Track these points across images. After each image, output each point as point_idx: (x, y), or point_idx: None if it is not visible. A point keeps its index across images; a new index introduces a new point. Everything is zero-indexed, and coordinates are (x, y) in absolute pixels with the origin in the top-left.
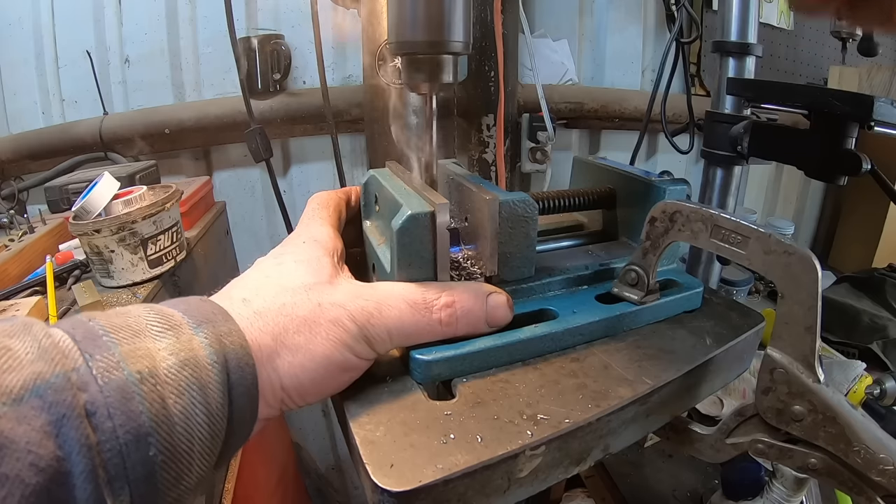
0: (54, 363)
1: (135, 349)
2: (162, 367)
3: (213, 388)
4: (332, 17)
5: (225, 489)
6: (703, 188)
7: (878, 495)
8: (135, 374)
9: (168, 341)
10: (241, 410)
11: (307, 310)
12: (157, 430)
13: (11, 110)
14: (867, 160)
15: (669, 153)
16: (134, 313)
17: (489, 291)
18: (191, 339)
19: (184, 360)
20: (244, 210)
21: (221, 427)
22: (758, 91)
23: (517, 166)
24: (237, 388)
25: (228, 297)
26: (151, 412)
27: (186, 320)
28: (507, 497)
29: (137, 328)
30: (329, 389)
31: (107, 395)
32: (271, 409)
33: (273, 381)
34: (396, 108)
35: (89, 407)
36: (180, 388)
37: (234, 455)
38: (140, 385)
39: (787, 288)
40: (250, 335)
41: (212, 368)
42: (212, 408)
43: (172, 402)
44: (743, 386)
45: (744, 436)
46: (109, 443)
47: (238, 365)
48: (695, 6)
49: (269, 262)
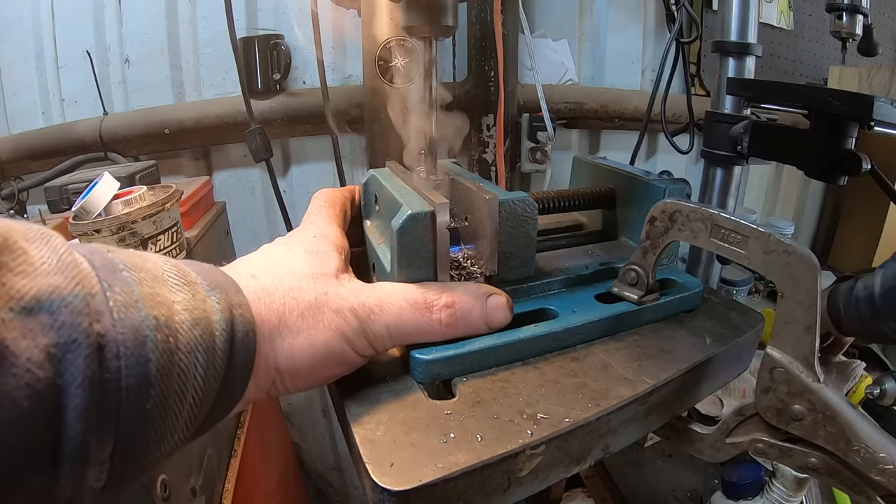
0: (74, 280)
1: (154, 293)
2: (176, 319)
3: (217, 355)
4: (332, 16)
5: (225, 489)
6: (703, 188)
7: (878, 494)
8: (151, 318)
9: (184, 296)
10: (232, 385)
11: (313, 296)
12: (159, 381)
13: (11, 110)
14: (867, 160)
15: (669, 153)
16: (152, 259)
17: (489, 292)
18: (205, 300)
19: (196, 318)
20: (244, 210)
21: (211, 397)
22: (758, 91)
23: (517, 166)
24: (237, 360)
25: (236, 271)
26: (160, 362)
27: (201, 281)
28: (507, 496)
29: (156, 273)
30: (320, 379)
31: (120, 332)
32: (259, 390)
33: (269, 360)
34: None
35: (101, 340)
36: (189, 346)
37: (206, 431)
38: (154, 331)
39: (787, 287)
40: (256, 310)
41: (220, 335)
42: (210, 374)
43: (179, 358)
44: (743, 386)
45: (743, 435)
46: (113, 382)
47: (243, 339)
48: (695, 6)
49: (278, 248)
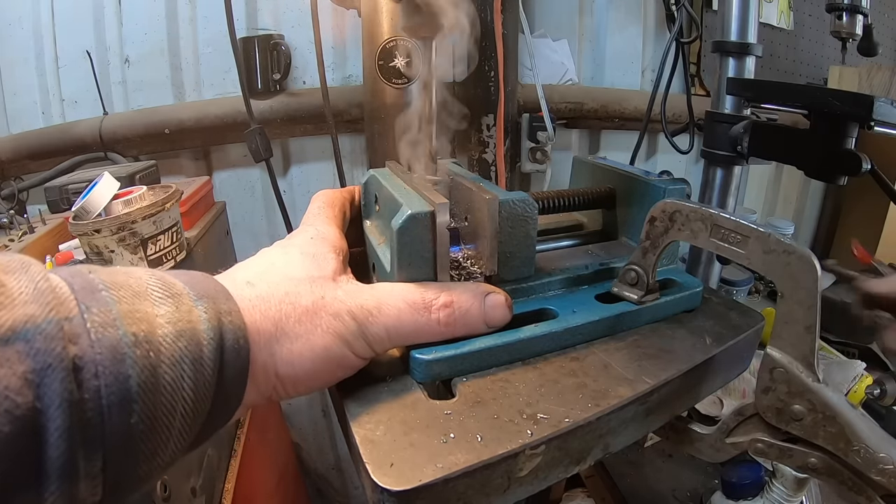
0: (48, 307)
1: (133, 310)
2: (158, 333)
3: (206, 365)
4: (332, 17)
5: (225, 489)
6: (703, 188)
7: (878, 495)
8: (130, 335)
9: (167, 308)
10: (227, 393)
11: (310, 301)
12: (142, 397)
13: (11, 110)
14: (867, 160)
15: (669, 153)
16: (135, 274)
17: (487, 291)
18: (191, 310)
19: (180, 330)
20: (244, 210)
21: (205, 407)
22: (758, 91)
23: (517, 166)
24: (229, 369)
25: (232, 278)
26: (140, 378)
27: (188, 291)
28: (507, 496)
29: (138, 289)
30: (321, 383)
31: (97, 352)
32: (260, 396)
33: (268, 367)
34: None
35: (77, 361)
36: (173, 359)
37: (204, 440)
38: (133, 348)
39: (787, 287)
40: (251, 318)
41: (207, 345)
42: (199, 384)
43: (163, 371)
44: (743, 386)
45: (743, 435)
46: (92, 402)
47: (234, 346)
48: (695, 6)
49: (276, 252)
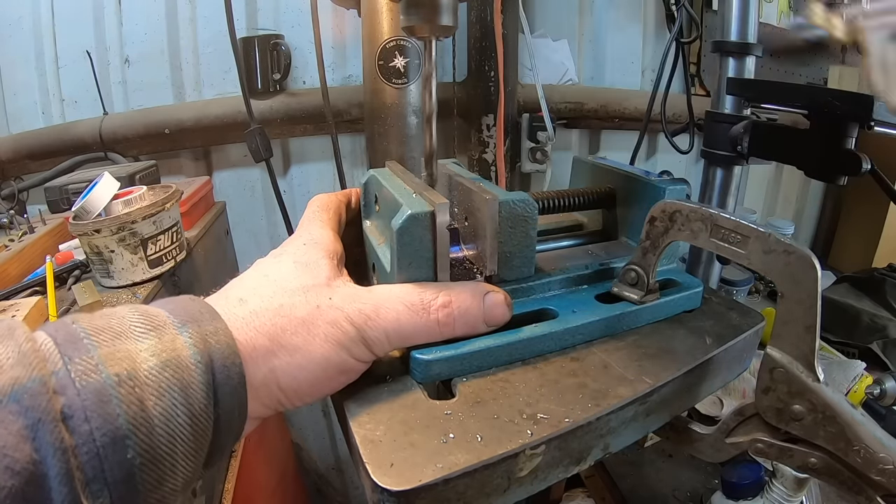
0: (32, 368)
1: (114, 351)
2: (142, 368)
3: (196, 389)
4: (332, 17)
5: (225, 489)
6: (703, 188)
7: (878, 495)
8: (113, 376)
9: (150, 342)
10: (228, 410)
11: (305, 311)
12: (135, 432)
13: (11, 110)
14: (867, 160)
15: (669, 153)
16: (118, 314)
17: (486, 290)
18: (174, 339)
19: (165, 360)
20: (244, 210)
21: (207, 428)
22: (758, 91)
23: (517, 166)
24: (223, 387)
25: (225, 297)
26: (129, 414)
27: (171, 320)
28: (506, 496)
29: (120, 329)
30: (325, 391)
31: (84, 399)
32: (266, 409)
33: (269, 382)
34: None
35: (66, 410)
36: (161, 390)
37: (225, 454)
38: (118, 388)
39: (787, 287)
40: (245, 335)
41: (195, 369)
42: (195, 409)
43: (152, 403)
44: (743, 386)
45: (744, 435)
46: (86, 445)
47: (224, 364)
48: (695, 6)
49: (269, 263)
